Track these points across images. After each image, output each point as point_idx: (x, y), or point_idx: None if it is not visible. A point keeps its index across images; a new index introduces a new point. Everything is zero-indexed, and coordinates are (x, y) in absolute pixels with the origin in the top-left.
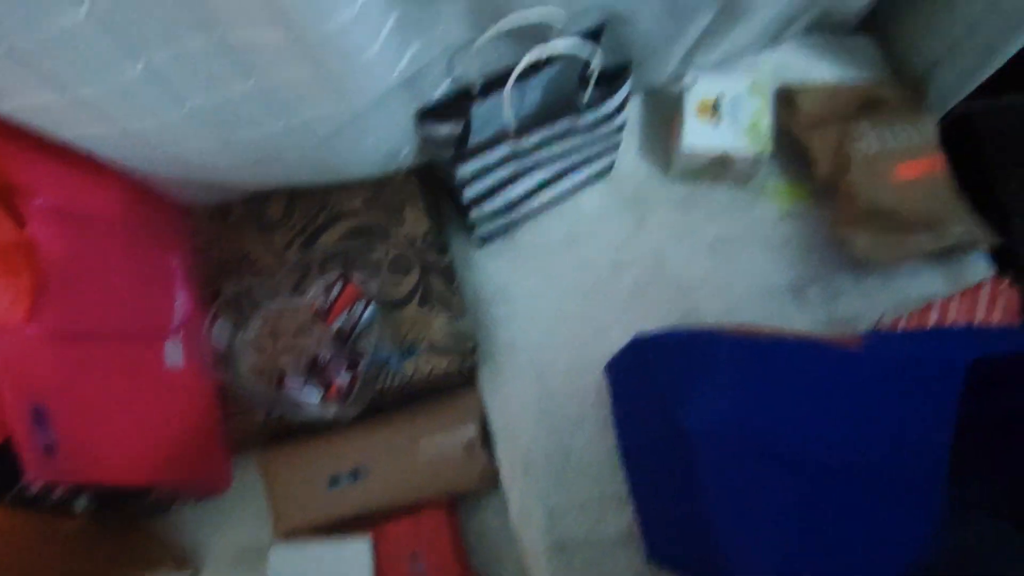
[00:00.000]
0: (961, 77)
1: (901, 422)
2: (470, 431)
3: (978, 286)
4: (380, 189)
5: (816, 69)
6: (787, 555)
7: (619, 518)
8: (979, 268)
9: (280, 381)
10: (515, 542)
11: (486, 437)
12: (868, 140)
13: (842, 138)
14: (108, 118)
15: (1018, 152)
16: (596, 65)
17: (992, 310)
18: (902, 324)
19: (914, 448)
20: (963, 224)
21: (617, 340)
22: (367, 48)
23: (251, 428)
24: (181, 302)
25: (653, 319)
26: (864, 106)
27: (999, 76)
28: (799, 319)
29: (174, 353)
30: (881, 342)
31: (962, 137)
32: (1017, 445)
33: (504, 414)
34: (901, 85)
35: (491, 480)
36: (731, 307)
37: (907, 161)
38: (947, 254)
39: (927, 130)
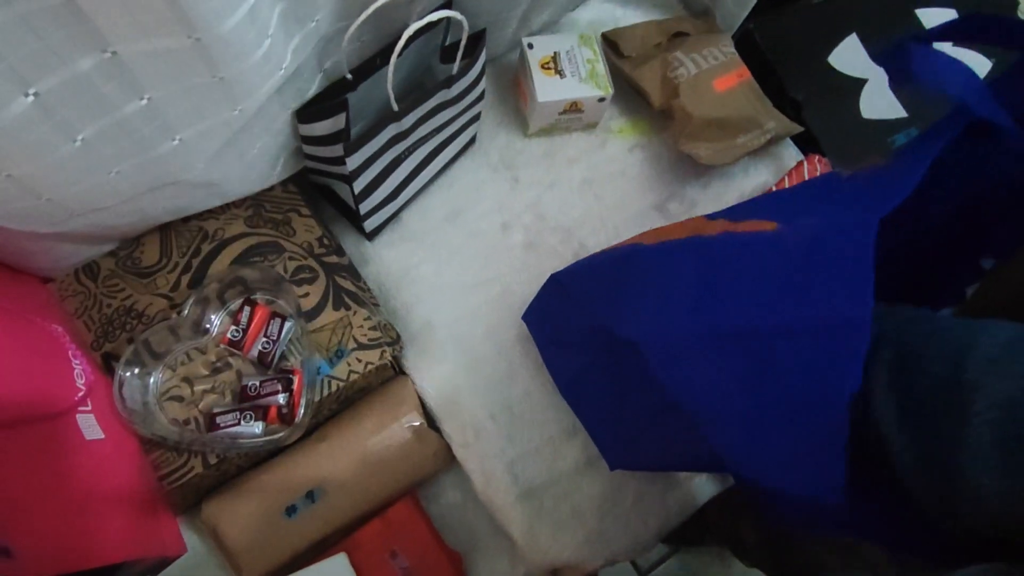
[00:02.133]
0: (736, 3)
1: (827, 281)
2: (414, 417)
3: (799, 165)
4: (258, 206)
5: (623, 17)
6: (747, 417)
7: (572, 449)
8: (791, 153)
9: (211, 423)
10: (480, 508)
11: (429, 419)
12: (686, 66)
13: (664, 69)
14: None
15: (792, 54)
16: (464, 32)
17: None
18: None
19: (840, 299)
20: (774, 119)
21: (524, 293)
22: (258, 46)
23: (192, 482)
24: (80, 371)
25: (550, 266)
26: (672, 39)
27: None
28: None
29: (89, 425)
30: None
31: (748, 52)
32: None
33: (440, 391)
34: (694, 18)
35: (446, 458)
36: (611, 237)
37: (720, 76)
38: (765, 148)
39: (728, 48)
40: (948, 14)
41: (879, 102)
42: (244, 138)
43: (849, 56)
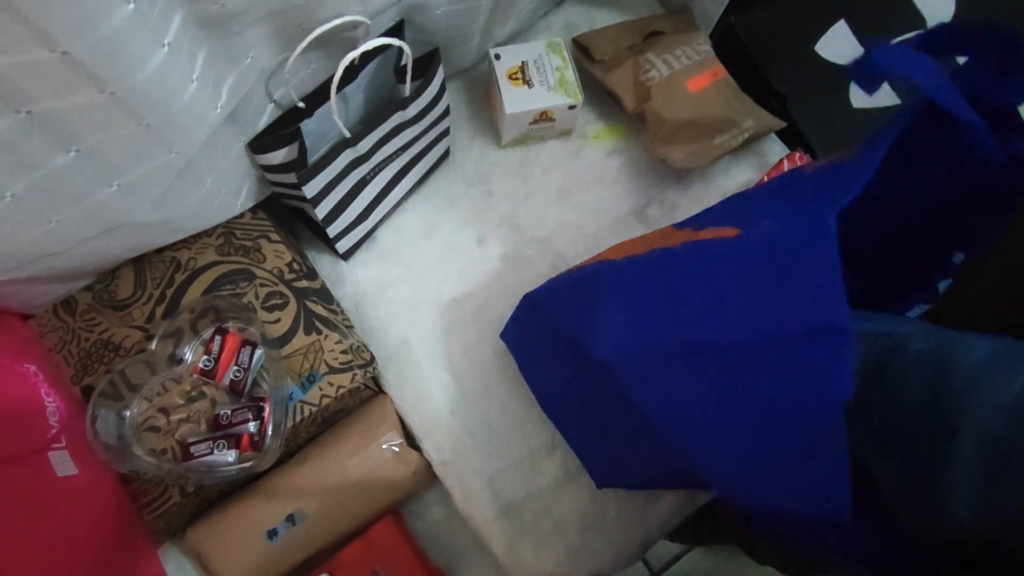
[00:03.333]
0: (712, 0)
1: (796, 287)
2: (393, 437)
3: (780, 162)
4: (229, 233)
5: (598, 18)
6: (730, 435)
7: (552, 464)
8: (775, 149)
9: (186, 453)
10: (465, 524)
11: (409, 437)
12: (658, 68)
13: (636, 73)
14: None
15: (776, 45)
16: (407, 57)
17: None
18: None
19: (815, 305)
20: (753, 116)
21: (501, 308)
22: (183, 90)
23: (171, 510)
24: (54, 408)
25: (527, 279)
26: (646, 39)
27: None
28: None
29: (62, 462)
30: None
31: (731, 46)
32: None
33: (418, 409)
34: (671, 15)
35: (427, 476)
36: (589, 246)
37: (693, 76)
38: (747, 145)
39: (702, 47)
40: None
41: None
42: (192, 175)
43: (838, 44)
